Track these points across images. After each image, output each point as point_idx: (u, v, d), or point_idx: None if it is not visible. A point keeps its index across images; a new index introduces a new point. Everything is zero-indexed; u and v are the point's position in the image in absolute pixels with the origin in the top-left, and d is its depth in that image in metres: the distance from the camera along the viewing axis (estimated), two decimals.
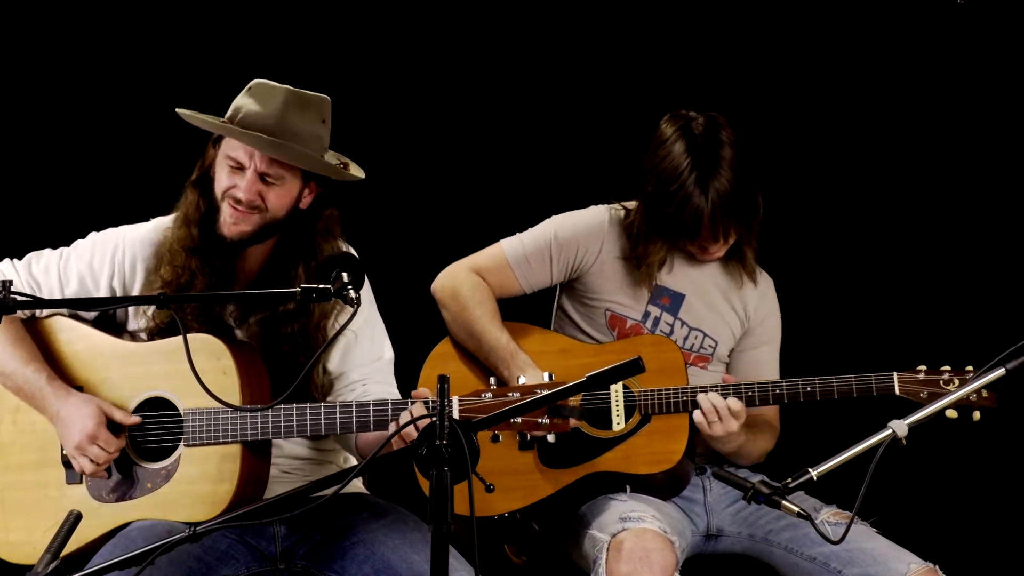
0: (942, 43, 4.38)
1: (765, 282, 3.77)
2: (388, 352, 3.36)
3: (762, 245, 3.79)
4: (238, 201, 3.17)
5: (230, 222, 3.18)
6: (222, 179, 3.20)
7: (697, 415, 3.44)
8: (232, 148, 3.19)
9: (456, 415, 3.02)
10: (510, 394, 3.02)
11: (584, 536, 3.40)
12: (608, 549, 3.26)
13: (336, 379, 3.30)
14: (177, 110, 3.25)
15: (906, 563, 3.32)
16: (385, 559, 3.04)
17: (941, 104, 4.44)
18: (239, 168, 3.18)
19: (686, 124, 3.54)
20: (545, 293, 3.79)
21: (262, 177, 3.17)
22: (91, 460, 3.09)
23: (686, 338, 3.68)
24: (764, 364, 3.74)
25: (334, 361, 3.29)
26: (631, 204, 3.69)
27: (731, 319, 3.72)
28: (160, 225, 3.31)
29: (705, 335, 3.70)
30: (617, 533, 3.28)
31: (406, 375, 3.46)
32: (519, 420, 2.97)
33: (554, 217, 3.71)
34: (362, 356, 3.30)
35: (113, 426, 3.14)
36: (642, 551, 3.23)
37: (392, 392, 3.31)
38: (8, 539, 3.19)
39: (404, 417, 3.00)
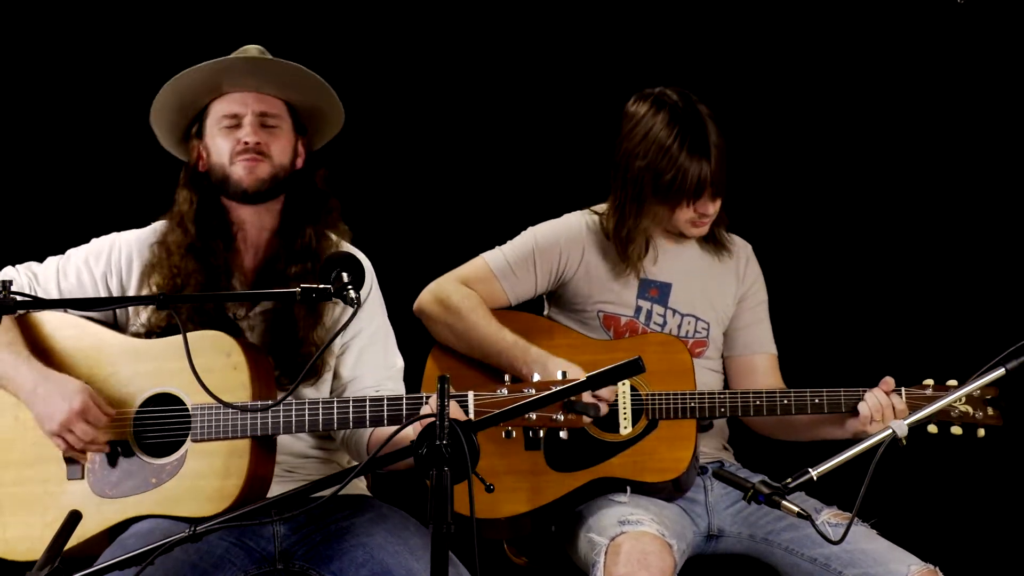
0: (942, 43, 4.38)
1: (743, 247, 3.83)
2: (399, 361, 3.38)
3: (760, 254, 3.83)
4: (246, 150, 3.21)
5: (244, 174, 3.22)
6: (221, 146, 3.25)
7: (864, 409, 3.45)
8: (224, 106, 3.26)
9: (472, 411, 3.01)
10: (525, 390, 3.00)
11: (582, 538, 3.40)
12: (606, 552, 3.26)
13: (349, 384, 3.30)
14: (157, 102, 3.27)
15: (907, 564, 3.31)
16: (384, 564, 3.03)
17: (940, 104, 4.44)
18: (236, 124, 3.24)
19: (658, 97, 3.60)
20: (535, 309, 3.79)
21: (261, 123, 3.24)
22: (78, 437, 3.05)
23: (680, 325, 3.70)
24: (762, 327, 3.78)
25: (347, 365, 3.30)
26: (601, 208, 3.73)
27: (718, 299, 3.75)
28: (158, 228, 3.33)
29: (697, 319, 3.71)
30: (615, 536, 3.27)
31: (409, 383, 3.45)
32: (533, 416, 2.95)
33: (532, 227, 3.73)
34: (376, 361, 3.31)
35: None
36: (640, 554, 3.22)
37: None
38: (5, 536, 3.16)
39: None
